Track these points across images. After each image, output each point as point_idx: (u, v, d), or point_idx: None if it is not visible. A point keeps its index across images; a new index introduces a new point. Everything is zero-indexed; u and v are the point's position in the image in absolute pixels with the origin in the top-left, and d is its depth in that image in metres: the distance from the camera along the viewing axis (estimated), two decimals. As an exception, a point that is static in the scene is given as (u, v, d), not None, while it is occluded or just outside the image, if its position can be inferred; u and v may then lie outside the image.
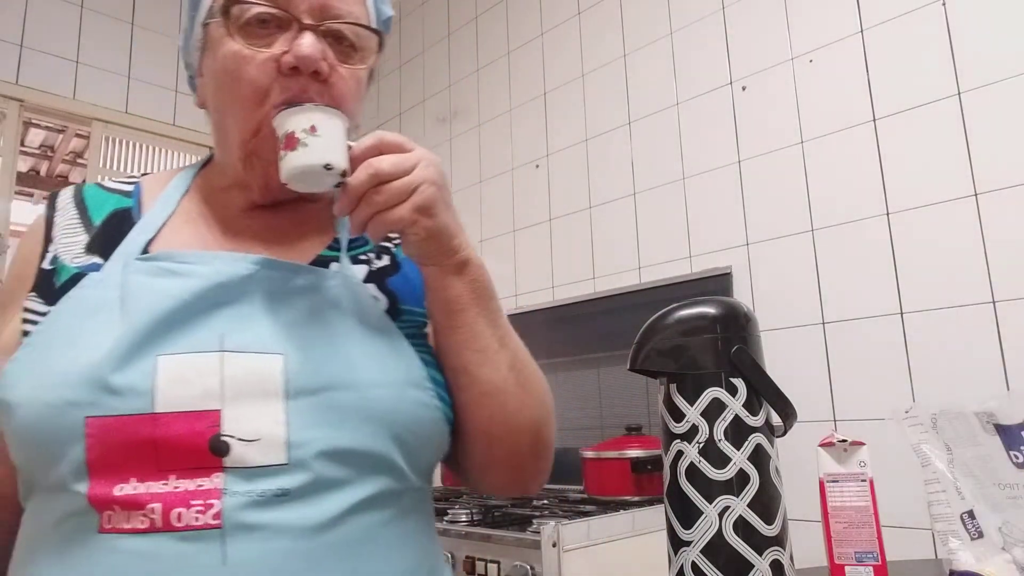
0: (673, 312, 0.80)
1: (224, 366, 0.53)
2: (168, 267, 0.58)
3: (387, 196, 0.55)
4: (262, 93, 0.60)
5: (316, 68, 0.60)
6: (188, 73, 0.72)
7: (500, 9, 2.59)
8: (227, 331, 0.55)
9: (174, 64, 2.70)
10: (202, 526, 0.50)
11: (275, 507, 0.51)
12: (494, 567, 1.31)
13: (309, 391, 0.55)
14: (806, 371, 1.61)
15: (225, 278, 0.57)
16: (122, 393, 0.51)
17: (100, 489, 0.50)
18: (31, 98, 2.34)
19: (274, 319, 0.57)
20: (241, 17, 0.60)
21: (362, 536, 0.55)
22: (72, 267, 0.59)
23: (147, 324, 0.53)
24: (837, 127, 1.64)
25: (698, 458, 0.74)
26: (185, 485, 0.50)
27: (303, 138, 0.55)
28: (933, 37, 1.51)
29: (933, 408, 0.96)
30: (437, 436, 0.62)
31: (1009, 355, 1.35)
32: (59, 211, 0.64)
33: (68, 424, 0.50)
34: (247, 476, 0.51)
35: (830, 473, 0.94)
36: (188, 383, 0.52)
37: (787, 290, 1.68)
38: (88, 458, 0.50)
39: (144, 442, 0.50)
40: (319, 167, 0.55)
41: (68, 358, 0.52)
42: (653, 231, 1.99)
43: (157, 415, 0.51)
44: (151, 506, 0.50)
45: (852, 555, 0.91)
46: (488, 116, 2.56)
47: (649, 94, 2.05)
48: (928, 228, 1.48)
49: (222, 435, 0.52)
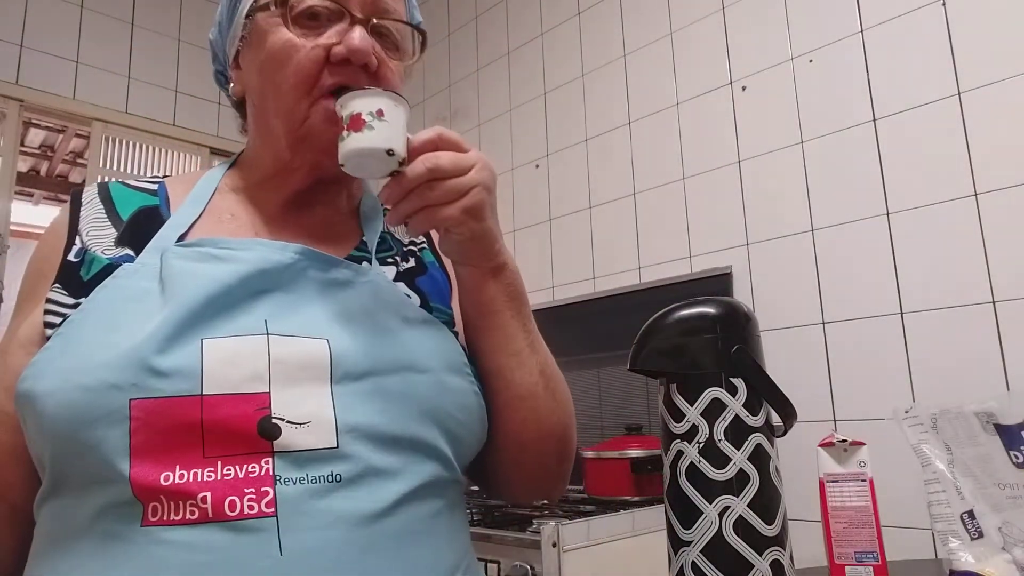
0: (673, 312, 0.80)
1: (271, 349, 0.53)
2: (211, 252, 0.57)
3: (440, 192, 0.56)
4: (311, 80, 0.61)
5: (366, 61, 0.61)
6: (216, 68, 0.72)
7: (500, 9, 2.59)
8: (271, 316, 0.55)
9: (174, 64, 2.70)
10: (257, 515, 0.48)
11: (329, 495, 0.50)
12: (494, 567, 1.31)
13: (354, 376, 0.54)
14: (806, 371, 1.61)
15: (268, 264, 0.57)
16: (169, 375, 0.49)
17: (145, 478, 0.48)
18: (31, 98, 2.34)
19: (316, 307, 0.57)
20: (295, 8, 0.62)
21: (415, 527, 0.54)
22: (104, 258, 0.58)
23: (191, 307, 0.52)
24: (837, 127, 1.64)
25: (698, 458, 0.74)
26: (235, 472, 0.49)
27: (369, 120, 0.55)
28: (933, 37, 1.51)
29: (933, 408, 0.96)
30: (478, 425, 0.62)
31: (1009, 355, 1.35)
32: (84, 206, 0.64)
33: (110, 407, 0.48)
34: (297, 461, 0.50)
35: (830, 473, 0.94)
36: (236, 365, 0.51)
37: (787, 290, 1.68)
38: (132, 443, 0.48)
39: (191, 425, 0.49)
40: (382, 151, 0.55)
41: (107, 343, 0.50)
42: (653, 231, 1.99)
43: (205, 396, 0.49)
44: (202, 495, 0.48)
45: (852, 555, 0.91)
46: (488, 116, 2.57)
47: (649, 94, 2.05)
48: (928, 228, 1.48)
49: (272, 417, 0.50)
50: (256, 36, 0.64)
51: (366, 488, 0.51)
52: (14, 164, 2.32)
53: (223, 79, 0.72)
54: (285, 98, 0.62)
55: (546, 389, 0.64)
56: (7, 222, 2.28)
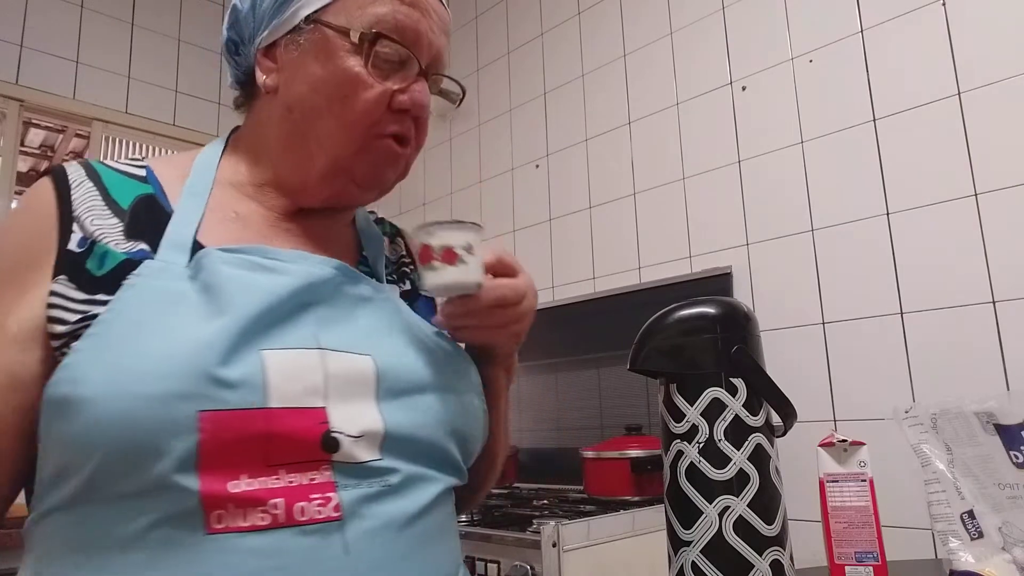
0: (673, 312, 0.80)
1: (326, 363, 0.55)
2: (259, 262, 0.57)
3: (500, 319, 0.63)
4: (373, 119, 0.62)
5: (422, 114, 0.65)
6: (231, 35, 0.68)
7: (500, 9, 2.59)
8: (318, 330, 0.56)
9: (174, 64, 2.70)
10: (324, 519, 0.51)
11: (381, 499, 0.54)
12: (494, 567, 1.31)
13: (395, 392, 0.58)
14: (806, 371, 1.61)
15: (314, 279, 0.58)
16: (235, 387, 0.49)
17: (212, 486, 0.48)
18: (31, 98, 2.34)
19: (354, 323, 0.60)
20: (376, 45, 0.62)
21: (438, 528, 0.59)
22: (120, 253, 0.56)
23: (249, 317, 0.52)
24: (837, 127, 1.64)
25: (698, 458, 0.74)
26: (299, 480, 0.51)
27: (462, 255, 0.59)
28: (933, 37, 1.51)
29: (933, 408, 0.96)
30: (481, 440, 0.68)
31: (1009, 355, 1.35)
32: (74, 187, 0.59)
33: (176, 417, 0.48)
34: (352, 471, 0.53)
35: (830, 473, 0.94)
36: (295, 379, 0.53)
37: (787, 290, 1.68)
38: (200, 453, 0.48)
39: (257, 437, 0.50)
40: (473, 285, 0.60)
41: (159, 349, 0.49)
42: (653, 231, 1.99)
43: (271, 410, 0.50)
44: (273, 501, 0.49)
45: (852, 555, 0.91)
46: (488, 116, 2.56)
47: (649, 94, 2.05)
48: (928, 228, 1.48)
49: (332, 431, 0.53)
50: (318, 49, 0.62)
51: (407, 493, 0.56)
52: (14, 164, 2.32)
53: (233, 47, 0.68)
54: (341, 132, 0.62)
55: (505, 439, 0.77)
56: (7, 222, 2.28)
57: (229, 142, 0.70)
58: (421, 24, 0.63)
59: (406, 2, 0.63)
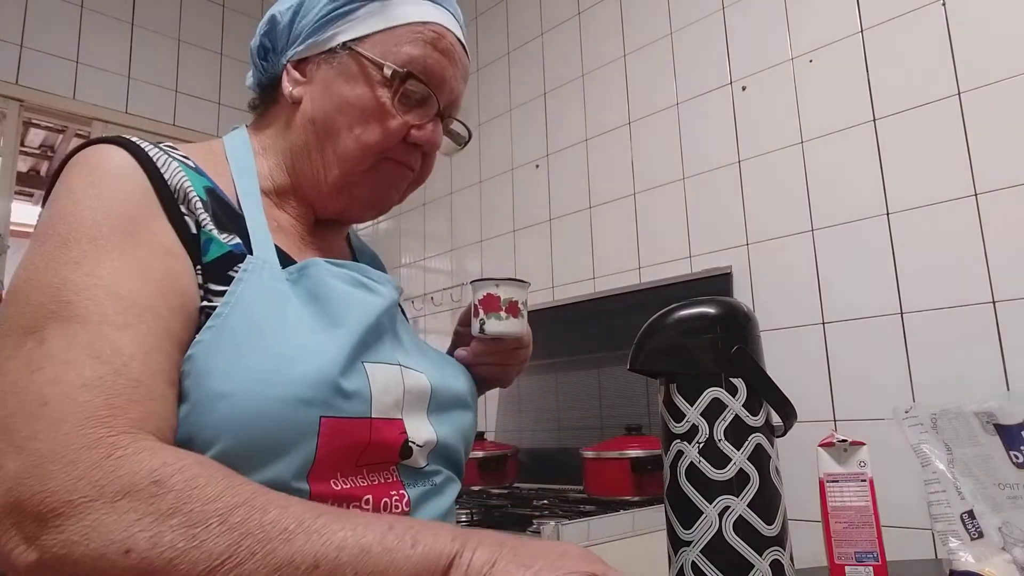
0: (673, 312, 0.80)
1: (404, 379, 0.64)
2: (360, 279, 0.65)
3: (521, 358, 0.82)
4: (386, 146, 0.68)
5: (431, 151, 0.72)
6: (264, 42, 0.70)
7: (500, 9, 2.59)
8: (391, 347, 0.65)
9: (174, 64, 2.70)
10: (400, 512, 0.60)
11: (432, 496, 0.65)
12: (494, 567, 1.31)
13: (439, 407, 0.68)
14: (806, 371, 1.61)
15: (393, 301, 0.67)
16: (352, 397, 0.56)
17: (320, 486, 0.55)
18: (31, 98, 2.34)
19: (403, 342, 0.68)
20: (406, 83, 0.67)
21: (454, 519, 0.72)
22: (224, 244, 0.57)
23: (361, 332, 0.60)
24: (837, 127, 1.64)
25: (698, 458, 0.74)
26: (378, 479, 0.60)
27: (522, 309, 0.73)
28: (933, 37, 1.51)
29: (933, 408, 0.96)
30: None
31: (1009, 355, 1.35)
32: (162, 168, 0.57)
33: (302, 421, 0.52)
34: (411, 473, 0.64)
35: (830, 473, 0.94)
36: (388, 392, 0.61)
37: (787, 290, 1.68)
38: (317, 456, 0.54)
39: (361, 443, 0.58)
40: (521, 335, 0.76)
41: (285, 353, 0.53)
42: (653, 231, 1.99)
43: (373, 420, 0.59)
44: (366, 497, 0.58)
45: (852, 555, 0.91)
46: (488, 116, 2.56)
47: (649, 94, 2.05)
48: (928, 228, 1.48)
49: (409, 442, 0.62)
50: (351, 74, 0.67)
51: (445, 491, 0.68)
52: (14, 164, 2.32)
53: (263, 52, 0.71)
54: (356, 151, 0.67)
55: None
56: (7, 222, 2.28)
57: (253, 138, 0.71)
58: (448, 71, 0.70)
59: (439, 48, 0.69)
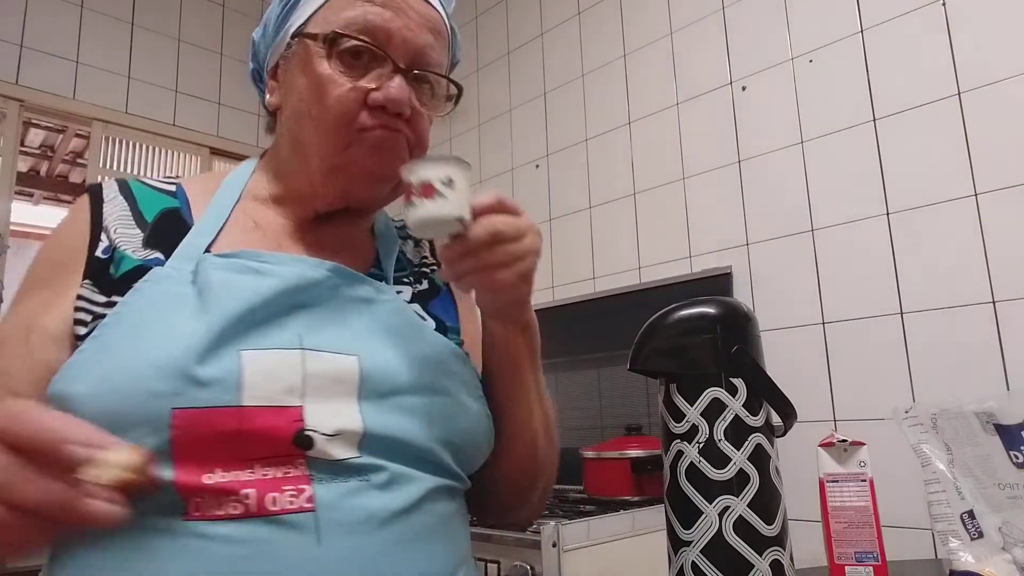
0: (673, 312, 0.80)
1: (305, 364, 0.56)
2: (249, 264, 0.60)
3: (500, 257, 0.58)
4: (349, 117, 0.63)
5: (401, 111, 0.64)
6: (253, 66, 0.74)
7: (500, 9, 2.59)
8: (305, 331, 0.58)
9: (174, 64, 2.70)
10: (296, 509, 0.52)
11: (361, 493, 0.54)
12: (494, 567, 1.31)
13: (379, 394, 0.58)
14: (806, 371, 1.61)
15: (304, 281, 0.60)
16: (209, 385, 0.52)
17: (187, 477, 0.51)
18: (31, 98, 2.34)
19: (346, 324, 0.61)
20: (340, 44, 0.64)
21: (433, 524, 0.59)
22: (135, 258, 0.60)
23: (230, 318, 0.55)
24: (837, 127, 1.64)
25: (698, 458, 0.74)
26: (273, 473, 0.53)
27: (441, 189, 0.57)
28: (933, 37, 1.51)
29: (933, 408, 0.96)
30: (485, 444, 0.66)
31: (1009, 355, 1.35)
32: (107, 202, 0.65)
33: (150, 414, 0.51)
34: (329, 467, 0.54)
35: (830, 473, 0.94)
36: (272, 378, 0.54)
37: (787, 290, 1.68)
38: (173, 448, 0.51)
39: (230, 433, 0.52)
40: (453, 219, 0.57)
41: (144, 350, 0.53)
42: (653, 231, 1.99)
43: (243, 408, 0.52)
44: (245, 492, 0.51)
45: (852, 555, 0.91)
46: (488, 116, 2.57)
47: (649, 94, 2.05)
48: (928, 228, 1.48)
49: (306, 430, 0.54)
50: (299, 61, 0.66)
51: (393, 490, 0.56)
52: (14, 164, 2.32)
53: (258, 77, 0.74)
54: (321, 132, 0.64)
55: (546, 435, 0.71)
56: (7, 222, 2.28)
57: (260, 160, 0.75)
58: (393, 23, 0.64)
59: (376, 2, 0.64)
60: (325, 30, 0.64)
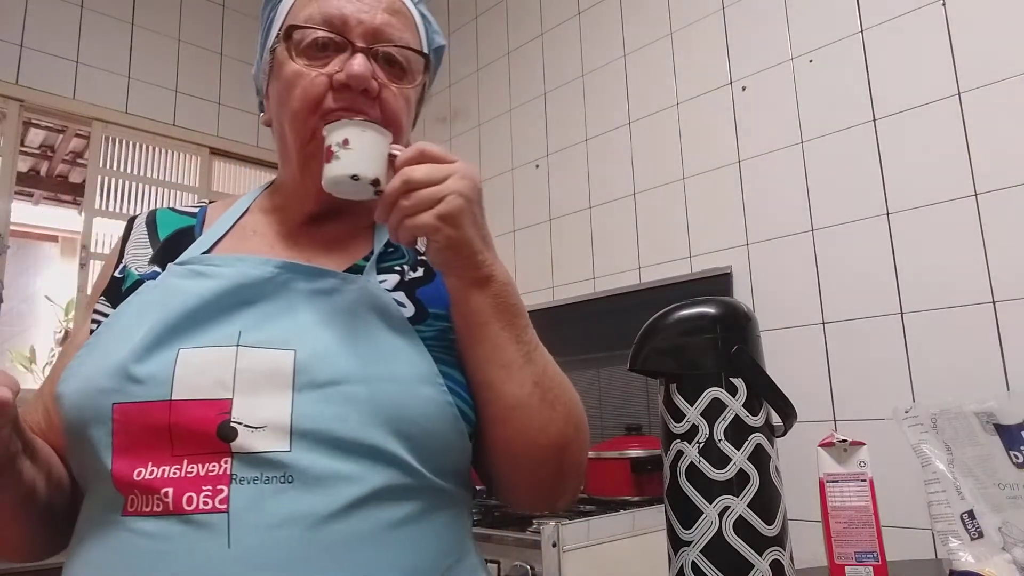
0: (673, 312, 0.80)
1: (238, 359, 0.57)
2: (197, 269, 0.64)
3: (413, 202, 0.58)
4: (315, 104, 0.65)
5: (365, 87, 0.65)
6: (259, 99, 0.78)
7: (500, 9, 2.59)
8: (245, 328, 0.60)
9: (174, 64, 2.70)
10: (210, 510, 0.52)
11: (281, 495, 0.53)
12: (494, 567, 1.31)
13: (316, 384, 0.57)
14: (806, 371, 1.61)
15: (247, 279, 0.62)
16: (144, 381, 0.56)
17: (122, 473, 0.54)
18: (31, 98, 2.34)
19: (292, 318, 0.61)
20: (302, 42, 0.67)
21: (373, 531, 0.55)
22: (136, 274, 0.67)
23: (169, 319, 0.59)
24: (837, 127, 1.64)
25: (698, 458, 0.74)
26: (197, 470, 0.54)
27: (336, 151, 0.60)
28: (933, 37, 1.51)
29: (933, 408, 0.96)
30: (452, 433, 0.61)
31: (1009, 355, 1.35)
32: (134, 230, 0.73)
33: (98, 409, 0.56)
34: (254, 463, 0.54)
35: (830, 473, 0.94)
36: (204, 373, 0.56)
37: (787, 290, 1.68)
38: (114, 442, 0.55)
39: (161, 427, 0.55)
40: (346, 177, 0.59)
41: (105, 353, 0.59)
42: (653, 231, 1.99)
43: (173, 402, 0.55)
44: (164, 490, 0.53)
45: (852, 555, 0.91)
46: (488, 116, 2.56)
47: (649, 94, 2.05)
48: (928, 228, 1.48)
49: (231, 422, 0.55)
50: (275, 68, 0.70)
51: (320, 490, 0.54)
52: (14, 164, 2.32)
53: (262, 108, 0.78)
54: (293, 121, 0.67)
55: (542, 401, 0.62)
56: (7, 222, 2.28)
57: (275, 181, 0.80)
58: (346, 8, 0.67)
59: None
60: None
